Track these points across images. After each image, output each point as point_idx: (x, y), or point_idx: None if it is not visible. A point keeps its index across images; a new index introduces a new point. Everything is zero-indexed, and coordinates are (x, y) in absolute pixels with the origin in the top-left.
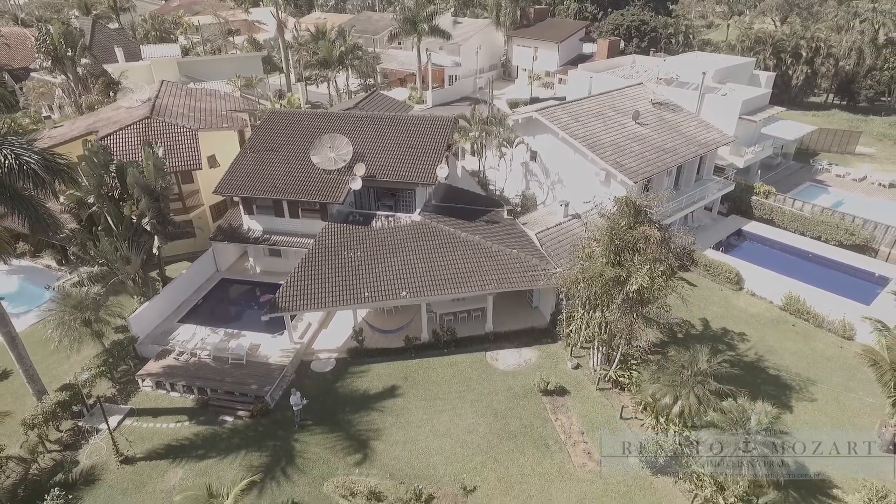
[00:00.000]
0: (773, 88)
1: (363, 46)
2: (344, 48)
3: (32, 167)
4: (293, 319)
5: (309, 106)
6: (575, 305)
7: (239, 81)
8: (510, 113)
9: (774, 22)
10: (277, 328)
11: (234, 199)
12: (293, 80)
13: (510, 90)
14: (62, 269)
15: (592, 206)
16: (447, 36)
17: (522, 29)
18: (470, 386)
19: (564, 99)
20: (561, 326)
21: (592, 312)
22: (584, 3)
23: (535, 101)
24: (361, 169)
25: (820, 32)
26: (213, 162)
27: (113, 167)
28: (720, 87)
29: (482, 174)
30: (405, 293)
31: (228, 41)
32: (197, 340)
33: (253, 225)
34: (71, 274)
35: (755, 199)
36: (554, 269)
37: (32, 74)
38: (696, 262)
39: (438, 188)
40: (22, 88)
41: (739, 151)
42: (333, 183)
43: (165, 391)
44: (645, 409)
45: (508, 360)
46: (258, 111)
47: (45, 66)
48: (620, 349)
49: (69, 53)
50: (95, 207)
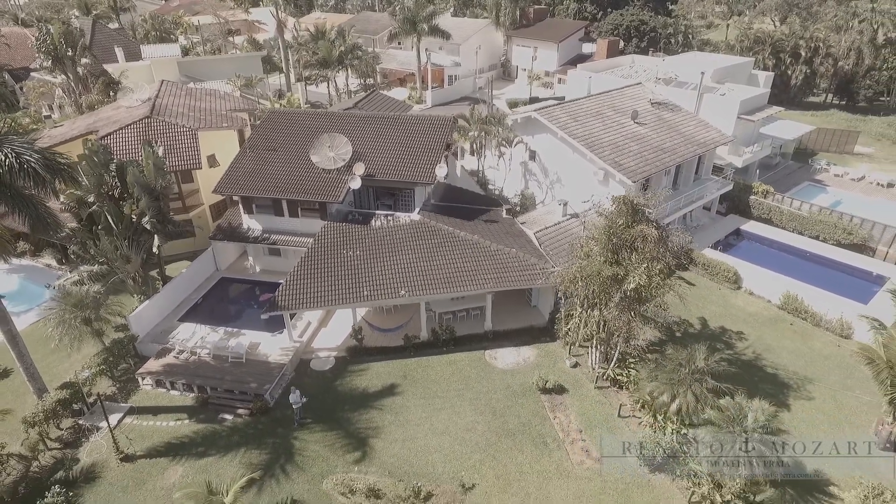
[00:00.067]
0: (772, 88)
1: (363, 46)
2: (343, 48)
3: (33, 166)
4: (293, 318)
5: (308, 106)
6: (573, 304)
7: (239, 81)
8: (509, 113)
9: (774, 22)
10: (277, 327)
11: (233, 198)
12: (293, 79)
13: (510, 90)
14: (62, 268)
15: (591, 205)
16: (447, 36)
17: (522, 29)
18: (469, 384)
19: (563, 99)
20: (559, 325)
21: (590, 311)
22: (583, 3)
23: (534, 100)
24: (361, 168)
25: (819, 32)
26: (212, 161)
27: (113, 166)
28: (719, 86)
29: (481, 174)
30: (404, 292)
31: (228, 41)
32: (197, 339)
33: (252, 224)
34: (71, 273)
35: (754, 198)
36: (552, 267)
37: (33, 74)
38: (694, 261)
39: (437, 187)
40: (22, 88)
41: (738, 151)
42: (333, 182)
43: (165, 389)
44: (643, 407)
45: (507, 358)
46: (258, 111)
47: (45, 65)
48: (618, 348)
49: (69, 53)
50: (96, 206)
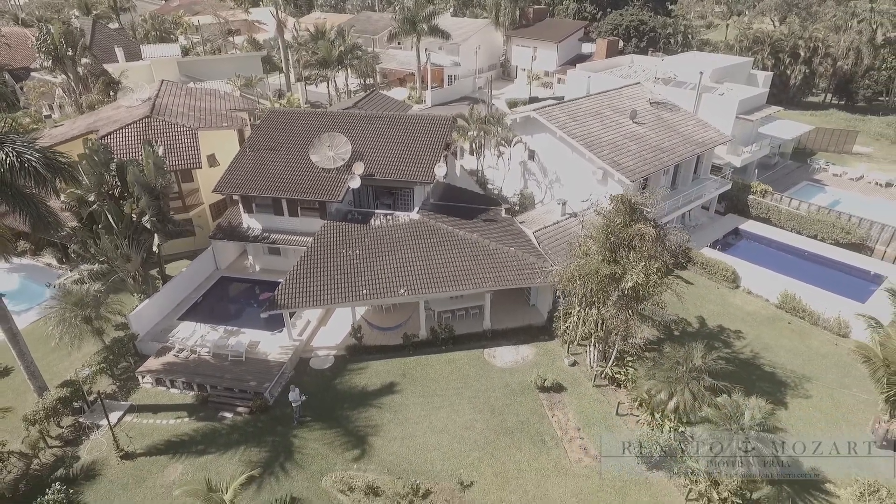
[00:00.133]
0: (771, 88)
1: (362, 46)
2: (343, 48)
3: (34, 165)
4: (292, 317)
5: (308, 105)
6: (571, 302)
7: (239, 81)
8: (508, 112)
9: (773, 22)
10: (276, 325)
11: (233, 197)
12: (293, 79)
13: (509, 90)
14: (63, 267)
15: (590, 204)
16: (446, 36)
17: (521, 29)
18: (467, 383)
19: (563, 99)
20: (558, 323)
21: (588, 309)
22: (583, 3)
23: (533, 100)
24: (360, 167)
25: (818, 32)
26: (212, 161)
27: (113, 166)
28: (718, 86)
29: (480, 173)
30: (403, 291)
31: (228, 41)
32: (197, 338)
33: (252, 223)
34: (72, 271)
35: (752, 198)
36: (551, 266)
37: (33, 74)
38: (692, 260)
39: (437, 187)
40: (22, 88)
41: (737, 151)
42: (332, 181)
43: (165, 388)
44: (641, 405)
45: (506, 357)
46: (258, 110)
47: (45, 65)
48: (616, 346)
49: (70, 53)
50: (96, 205)
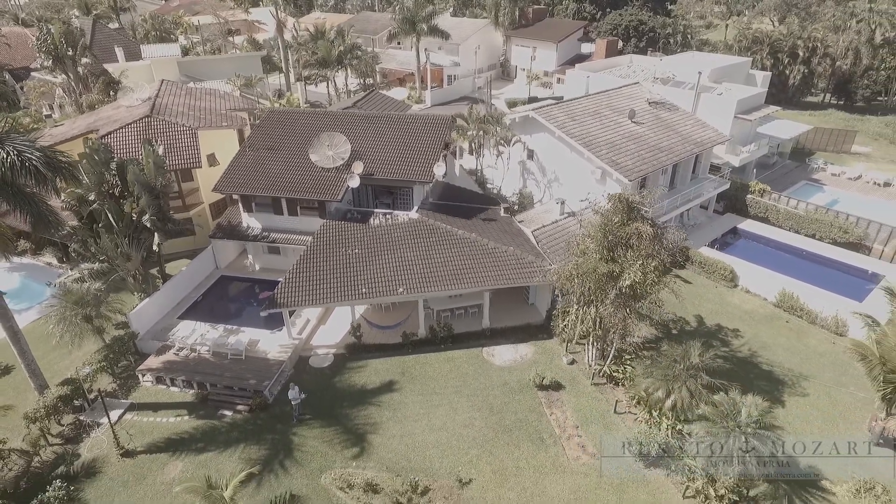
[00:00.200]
0: (770, 88)
1: (362, 46)
2: (343, 48)
3: (34, 164)
4: (292, 316)
5: (308, 105)
6: (570, 301)
7: (238, 81)
8: (508, 112)
9: (773, 22)
10: (276, 324)
11: (233, 196)
12: (292, 79)
13: (509, 90)
14: (63, 266)
15: (588, 203)
16: (446, 36)
17: (521, 29)
18: (466, 381)
19: (562, 98)
20: (556, 322)
21: (587, 308)
22: (582, 3)
23: (533, 100)
24: (359, 167)
25: (817, 32)
26: (212, 160)
27: (113, 165)
28: (716, 86)
29: (480, 173)
30: (402, 289)
31: (228, 41)
32: (197, 336)
33: (252, 222)
34: (72, 270)
35: (750, 197)
36: (549, 265)
37: (33, 74)
38: (691, 259)
39: (436, 186)
40: (23, 88)
41: (735, 150)
42: (332, 181)
43: (165, 386)
44: (638, 403)
45: (504, 355)
46: (257, 110)
47: (45, 65)
48: (615, 344)
49: (70, 53)
50: (96, 205)
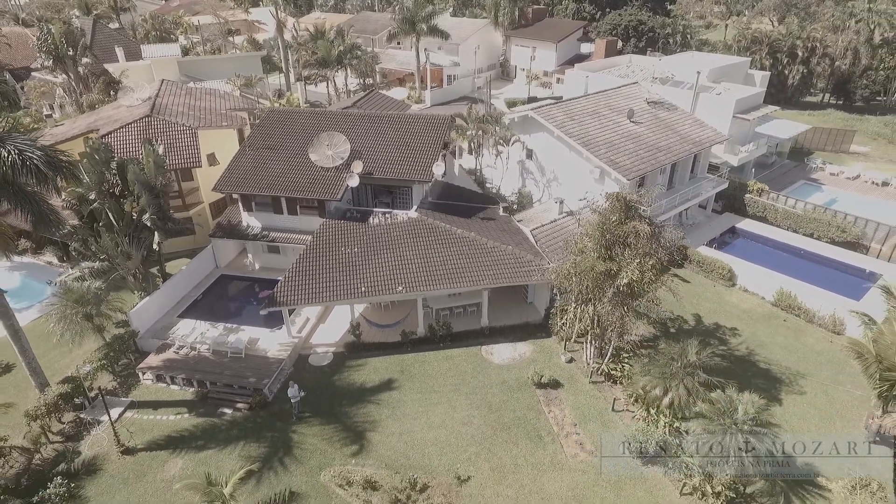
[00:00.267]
0: (769, 88)
1: (362, 46)
2: (343, 48)
3: (35, 163)
4: (291, 314)
5: (308, 105)
6: (568, 299)
7: (238, 81)
8: (507, 112)
9: (772, 22)
10: (276, 323)
11: (233, 196)
12: (292, 79)
13: (508, 90)
14: (63, 265)
15: (586, 203)
16: (445, 36)
17: (521, 29)
18: (465, 379)
19: (561, 98)
20: (554, 320)
21: (585, 306)
22: (582, 3)
23: (532, 100)
24: (359, 166)
25: (816, 32)
26: (212, 160)
27: (114, 164)
28: (715, 86)
29: (479, 172)
30: (401, 288)
31: (228, 41)
32: (196, 335)
33: (252, 222)
34: (72, 269)
35: (749, 196)
36: (548, 264)
37: (33, 74)
38: (689, 258)
39: (435, 186)
40: (23, 88)
41: (734, 150)
42: (331, 180)
43: (165, 384)
44: (636, 401)
45: (503, 354)
46: (257, 110)
47: (46, 65)
48: (613, 343)
49: (70, 53)
50: (97, 204)
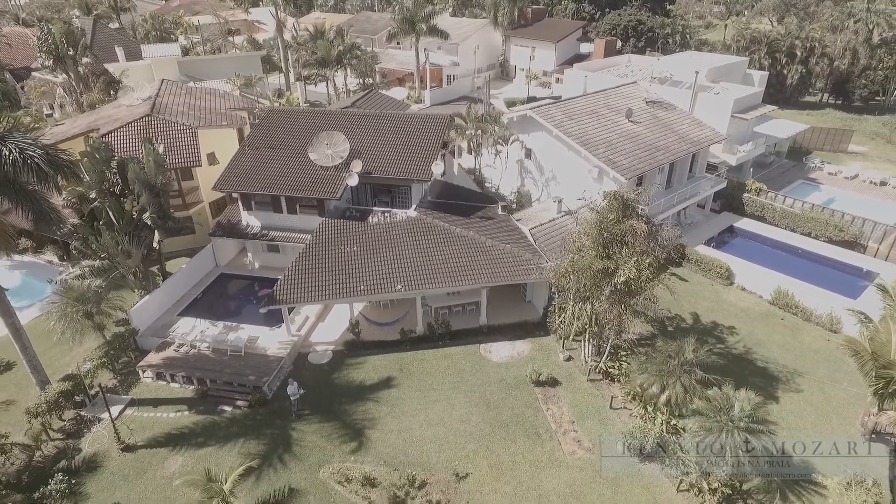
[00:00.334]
0: (768, 88)
1: (362, 46)
2: (342, 48)
3: (36, 161)
4: (291, 313)
5: (308, 105)
6: (566, 298)
7: (238, 80)
8: (506, 111)
9: (771, 22)
10: (275, 321)
11: (232, 195)
12: (292, 79)
13: (508, 89)
14: (64, 264)
15: (585, 202)
16: (445, 36)
17: (520, 29)
18: (463, 377)
19: (560, 98)
20: (552, 318)
21: (583, 304)
22: (581, 3)
23: (532, 100)
24: (358, 165)
25: (814, 32)
26: (212, 159)
27: (114, 163)
28: (713, 85)
29: (478, 171)
30: (400, 287)
31: (228, 41)
32: (196, 333)
33: (251, 221)
34: (73, 268)
35: (747, 196)
36: (546, 263)
37: (34, 74)
38: (687, 257)
39: (434, 185)
40: (23, 87)
41: (732, 149)
42: (330, 179)
43: (166, 382)
44: (634, 398)
45: (502, 352)
46: (257, 109)
47: (46, 65)
48: (610, 341)
49: (70, 53)
50: (97, 202)
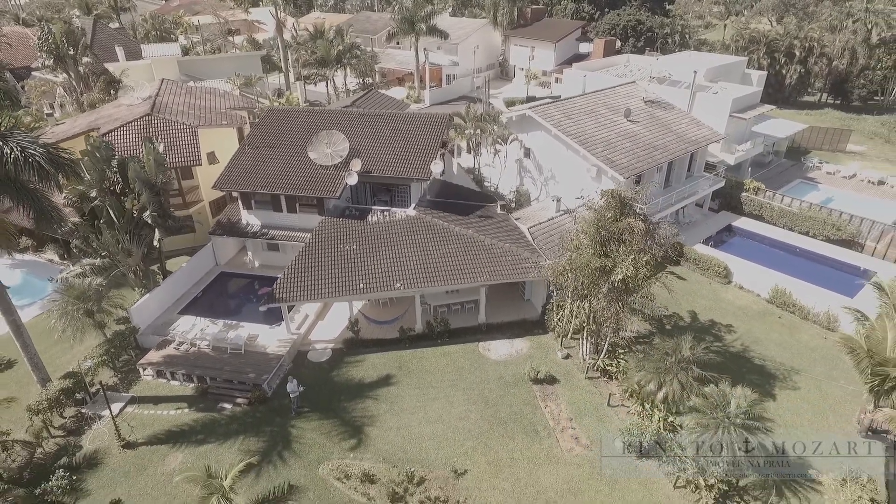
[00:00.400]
0: (767, 88)
1: (361, 46)
2: (342, 47)
3: (38, 160)
4: (290, 311)
5: (307, 104)
6: (564, 296)
7: (238, 80)
8: (506, 111)
9: (771, 22)
10: (275, 319)
11: (232, 194)
12: (292, 78)
13: (507, 89)
14: (64, 263)
15: (583, 201)
16: (445, 35)
17: (520, 29)
18: (462, 375)
19: (559, 98)
20: (550, 316)
21: (580, 302)
22: (580, 3)
23: (531, 99)
24: (357, 164)
25: (813, 32)
26: (212, 158)
27: (115, 162)
28: (712, 85)
29: (477, 171)
30: (399, 285)
31: (228, 41)
32: (197, 331)
33: (251, 220)
34: (74, 266)
35: (745, 195)
36: (545, 261)
37: (34, 73)
38: (685, 256)
39: (433, 184)
40: (24, 87)
41: (730, 149)
42: (330, 178)
43: (166, 380)
44: (631, 396)
45: (500, 350)
46: (257, 109)
47: (46, 64)
48: (608, 339)
49: (71, 52)
50: (98, 201)
